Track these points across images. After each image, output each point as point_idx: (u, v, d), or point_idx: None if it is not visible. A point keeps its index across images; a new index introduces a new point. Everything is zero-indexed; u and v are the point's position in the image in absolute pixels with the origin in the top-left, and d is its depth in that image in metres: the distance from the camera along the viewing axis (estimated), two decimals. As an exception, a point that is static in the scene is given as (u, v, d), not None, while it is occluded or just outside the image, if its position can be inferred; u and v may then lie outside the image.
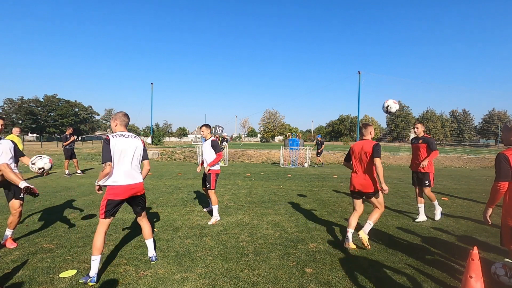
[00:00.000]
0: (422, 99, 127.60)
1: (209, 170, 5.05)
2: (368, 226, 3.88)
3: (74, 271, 3.05)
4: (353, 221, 3.99)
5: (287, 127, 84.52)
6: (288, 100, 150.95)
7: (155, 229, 4.47)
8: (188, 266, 3.23)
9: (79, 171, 11.06)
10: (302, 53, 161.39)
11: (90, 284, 2.77)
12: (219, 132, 17.55)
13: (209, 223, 4.86)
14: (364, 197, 3.97)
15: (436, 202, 5.33)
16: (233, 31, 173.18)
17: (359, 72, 18.60)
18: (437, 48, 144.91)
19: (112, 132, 3.20)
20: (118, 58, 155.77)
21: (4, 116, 4.32)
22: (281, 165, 15.77)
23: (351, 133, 79.27)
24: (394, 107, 5.14)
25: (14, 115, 57.62)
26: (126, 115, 3.25)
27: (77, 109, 66.49)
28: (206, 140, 5.22)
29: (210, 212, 5.41)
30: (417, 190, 5.39)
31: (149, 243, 3.37)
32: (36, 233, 4.22)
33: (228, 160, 16.74)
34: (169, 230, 4.49)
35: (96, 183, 3.02)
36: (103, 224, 2.95)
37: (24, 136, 60.59)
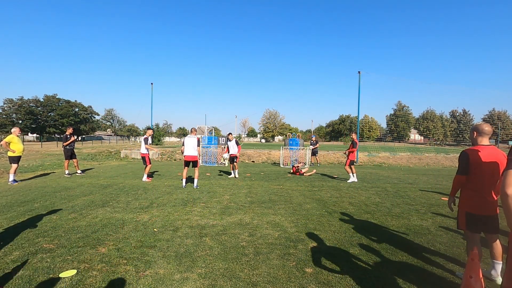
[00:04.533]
0: (422, 99, 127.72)
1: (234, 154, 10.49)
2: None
3: (74, 271, 3.05)
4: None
5: (287, 127, 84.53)
6: (288, 100, 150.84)
7: (155, 229, 4.47)
8: (188, 266, 3.23)
9: (79, 171, 11.05)
10: (302, 53, 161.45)
11: None
12: (222, 142, 17.67)
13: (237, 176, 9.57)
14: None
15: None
16: (233, 32, 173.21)
17: (359, 72, 18.56)
18: (437, 48, 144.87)
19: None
20: (118, 58, 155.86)
21: None
22: (281, 165, 15.77)
23: (351, 133, 79.29)
24: None
25: (14, 115, 57.61)
26: None
27: (77, 109, 66.49)
28: (231, 140, 10.78)
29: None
30: None
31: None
32: (36, 233, 4.22)
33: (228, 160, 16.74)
34: (169, 230, 4.49)
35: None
36: None
37: (24, 136, 60.58)
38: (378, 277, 3.05)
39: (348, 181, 9.93)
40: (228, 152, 10.80)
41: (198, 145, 8.32)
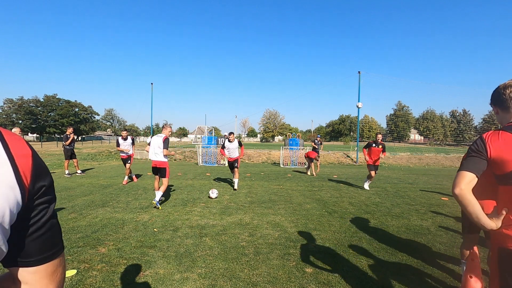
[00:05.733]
0: (422, 99, 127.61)
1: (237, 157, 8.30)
2: None
3: (74, 271, 3.05)
4: None
5: (287, 127, 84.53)
6: (288, 100, 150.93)
7: (155, 229, 4.47)
8: (188, 266, 3.23)
9: (79, 171, 11.06)
10: (302, 53, 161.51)
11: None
12: (222, 143, 17.65)
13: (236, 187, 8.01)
14: None
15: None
16: (233, 32, 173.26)
17: (359, 72, 18.57)
18: (437, 48, 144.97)
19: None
20: (118, 58, 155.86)
21: None
22: (281, 165, 15.77)
23: (351, 133, 79.27)
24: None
25: (14, 115, 57.59)
26: None
27: (77, 109, 66.44)
28: (231, 142, 8.20)
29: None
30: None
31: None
32: (36, 233, 4.22)
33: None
34: (169, 230, 4.49)
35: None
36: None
37: (24, 136, 60.57)
38: (378, 277, 3.05)
39: (366, 186, 8.56)
40: (227, 156, 8.42)
41: (166, 147, 5.86)
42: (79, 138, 57.07)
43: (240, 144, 8.40)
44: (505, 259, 1.48)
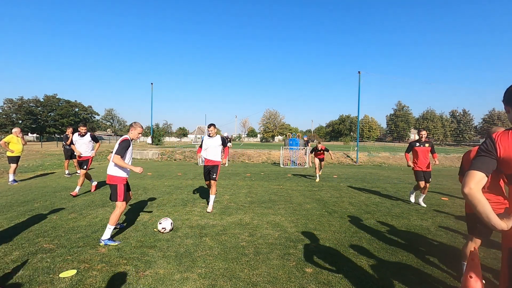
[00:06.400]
0: (422, 99, 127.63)
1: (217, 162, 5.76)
2: None
3: (74, 271, 3.05)
4: None
5: (287, 127, 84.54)
6: (288, 100, 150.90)
7: (155, 229, 4.47)
8: (188, 266, 3.23)
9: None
10: (302, 53, 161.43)
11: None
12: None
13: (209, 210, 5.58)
14: None
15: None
16: (232, 31, 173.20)
17: (359, 72, 18.58)
18: (437, 48, 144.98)
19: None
20: (118, 58, 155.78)
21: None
22: (281, 165, 15.78)
23: (351, 133, 79.28)
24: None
25: (14, 115, 57.59)
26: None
27: (77, 109, 66.48)
28: (212, 137, 5.73)
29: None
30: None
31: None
32: (36, 233, 4.23)
33: (228, 160, 16.75)
34: (169, 230, 4.49)
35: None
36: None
37: (24, 136, 60.48)
38: (378, 277, 3.05)
39: (422, 202, 6.55)
40: (202, 157, 6.02)
41: (118, 152, 3.97)
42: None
43: (224, 142, 5.85)
44: None
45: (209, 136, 5.78)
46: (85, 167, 7.27)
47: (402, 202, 6.80)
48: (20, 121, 57.08)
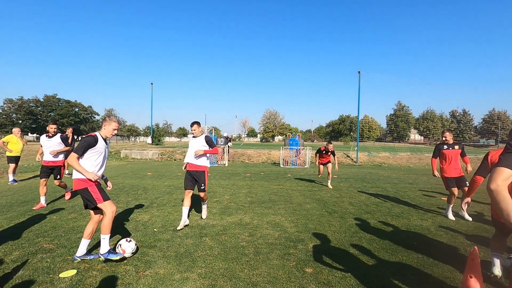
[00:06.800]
0: (422, 99, 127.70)
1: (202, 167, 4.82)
2: None
3: (74, 271, 3.05)
4: None
5: (287, 127, 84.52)
6: (288, 100, 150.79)
7: (155, 229, 4.47)
8: (188, 266, 3.23)
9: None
10: (302, 53, 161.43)
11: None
12: (221, 143, 17.65)
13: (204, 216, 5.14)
14: None
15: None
16: (232, 31, 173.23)
17: (359, 72, 18.59)
18: (437, 48, 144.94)
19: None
20: (118, 58, 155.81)
21: None
22: (281, 165, 15.77)
23: (351, 133, 79.28)
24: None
25: (14, 115, 57.59)
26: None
27: (77, 109, 66.46)
28: (196, 137, 4.85)
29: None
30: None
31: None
32: (36, 233, 4.22)
33: (228, 160, 16.75)
34: (169, 230, 4.49)
35: None
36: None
37: (24, 136, 60.52)
38: (378, 277, 3.05)
39: (465, 214, 5.43)
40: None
41: (78, 153, 3.29)
42: (79, 138, 57.05)
43: (210, 143, 4.84)
44: None
45: (193, 136, 4.92)
46: (58, 177, 6.18)
47: (402, 202, 6.80)
48: (20, 121, 57.07)
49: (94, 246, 3.77)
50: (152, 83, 28.92)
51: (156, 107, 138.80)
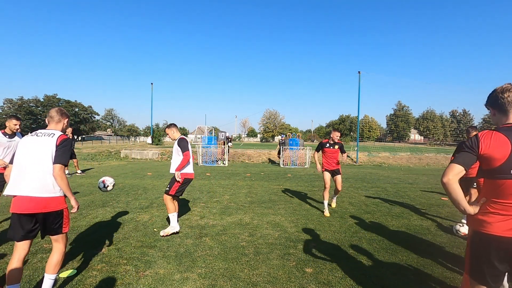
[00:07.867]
0: (422, 99, 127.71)
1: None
2: None
3: (74, 271, 3.05)
4: None
5: (287, 127, 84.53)
6: (288, 100, 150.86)
7: (155, 229, 4.47)
8: (188, 266, 3.23)
9: (79, 171, 11.05)
10: (302, 53, 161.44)
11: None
12: (222, 137, 17.68)
13: (161, 233, 4.15)
14: None
15: None
16: (232, 31, 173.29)
17: (359, 72, 18.59)
18: (437, 48, 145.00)
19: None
20: (118, 58, 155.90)
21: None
22: (281, 165, 15.77)
23: (351, 133, 79.26)
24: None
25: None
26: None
27: (77, 109, 66.36)
28: (175, 140, 4.34)
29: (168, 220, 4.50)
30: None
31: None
32: (36, 233, 4.22)
33: (228, 160, 16.75)
34: (169, 230, 4.48)
35: None
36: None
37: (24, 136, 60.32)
38: (378, 277, 3.05)
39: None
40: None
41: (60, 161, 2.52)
42: (79, 138, 57.12)
43: (184, 146, 4.25)
44: (475, 240, 1.72)
45: (176, 140, 4.36)
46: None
47: (402, 202, 6.80)
48: (20, 121, 56.99)
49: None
50: (152, 83, 28.89)
51: (156, 107, 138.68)
